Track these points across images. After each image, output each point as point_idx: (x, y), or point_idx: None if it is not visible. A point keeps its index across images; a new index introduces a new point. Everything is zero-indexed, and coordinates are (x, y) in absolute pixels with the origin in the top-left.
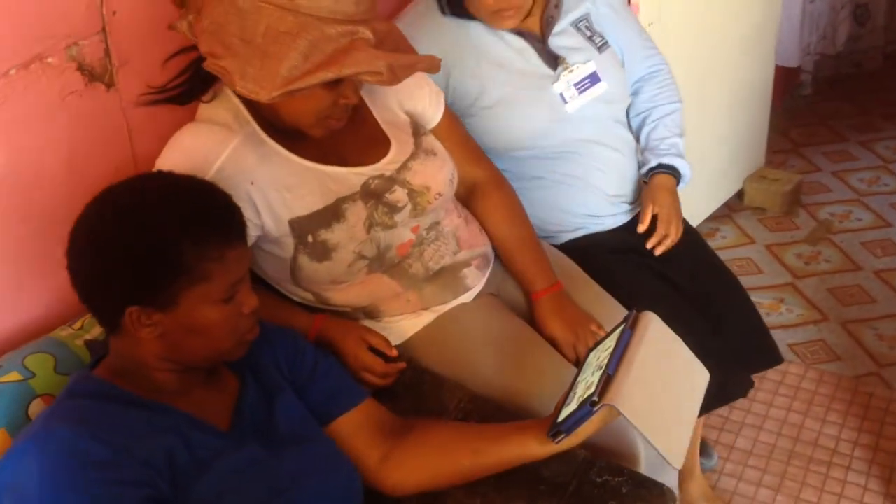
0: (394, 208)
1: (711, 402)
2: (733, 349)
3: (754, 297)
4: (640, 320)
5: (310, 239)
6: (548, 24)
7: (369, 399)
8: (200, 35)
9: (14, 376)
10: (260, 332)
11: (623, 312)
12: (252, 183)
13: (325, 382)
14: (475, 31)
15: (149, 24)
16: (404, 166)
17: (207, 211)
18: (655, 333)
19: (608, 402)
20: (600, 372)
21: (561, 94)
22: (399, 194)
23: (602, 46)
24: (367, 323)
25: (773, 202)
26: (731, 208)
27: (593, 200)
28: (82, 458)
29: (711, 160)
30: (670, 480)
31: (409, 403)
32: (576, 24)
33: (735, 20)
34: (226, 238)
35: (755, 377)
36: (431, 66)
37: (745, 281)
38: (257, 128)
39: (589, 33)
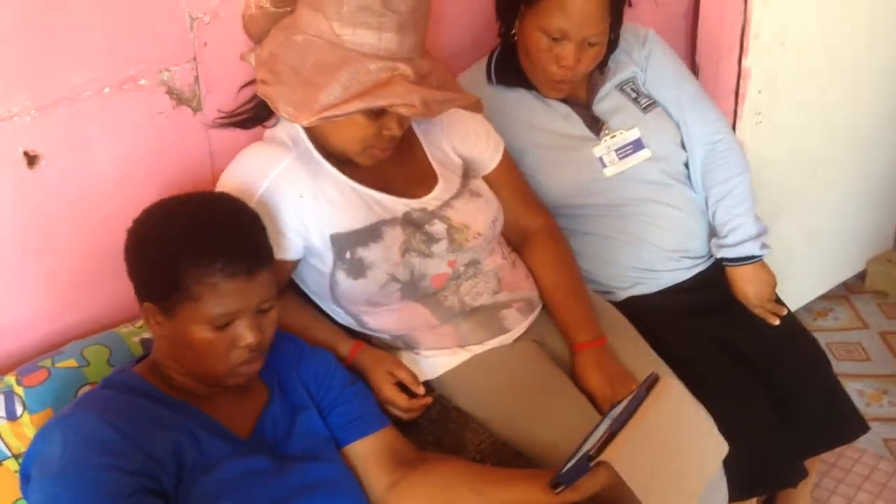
0: (431, 239)
1: (757, 484)
2: (803, 430)
3: (857, 385)
4: (659, 383)
5: (348, 255)
6: (592, 90)
7: (388, 427)
8: (259, 65)
9: (71, 363)
10: (297, 349)
11: (671, 375)
12: (301, 196)
13: (348, 406)
14: (520, 98)
15: (235, 56)
16: (447, 204)
17: (218, 239)
18: (671, 399)
19: (604, 459)
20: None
21: (601, 158)
22: (438, 228)
23: (648, 107)
24: (405, 353)
25: None
26: (850, 289)
27: (648, 256)
28: (96, 443)
29: (832, 235)
30: None
31: (430, 437)
32: (620, 87)
33: (868, 89)
34: (226, 269)
35: (841, 467)
36: (470, 104)
37: (850, 367)
38: (312, 147)
39: (634, 94)
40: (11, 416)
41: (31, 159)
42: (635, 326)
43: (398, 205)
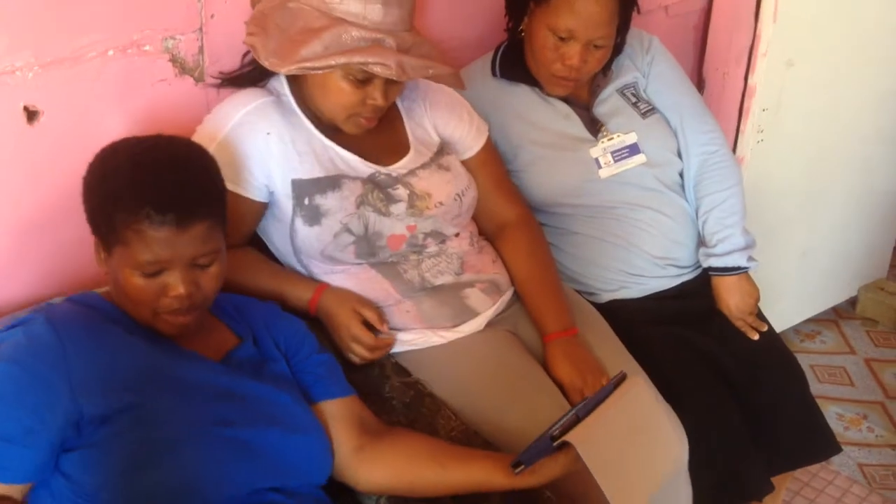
0: (390, 199)
1: (723, 495)
2: (774, 445)
3: (836, 408)
4: (626, 381)
5: (306, 201)
6: (594, 91)
7: (354, 397)
8: (250, 20)
9: None
10: (270, 312)
11: (641, 374)
12: (268, 133)
13: (316, 369)
14: (521, 94)
15: (241, 30)
16: (412, 172)
17: (153, 186)
18: (637, 395)
19: (567, 439)
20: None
21: (597, 159)
22: (400, 192)
23: (647, 113)
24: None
25: (887, 316)
26: (840, 314)
27: (636, 260)
28: (52, 349)
29: (826, 259)
30: None
31: (404, 420)
32: (621, 91)
33: (873, 112)
34: (153, 217)
35: (814, 487)
36: (449, 75)
37: (831, 390)
38: (293, 101)
39: (634, 99)
40: None
41: (31, 115)
42: (615, 330)
43: (365, 167)
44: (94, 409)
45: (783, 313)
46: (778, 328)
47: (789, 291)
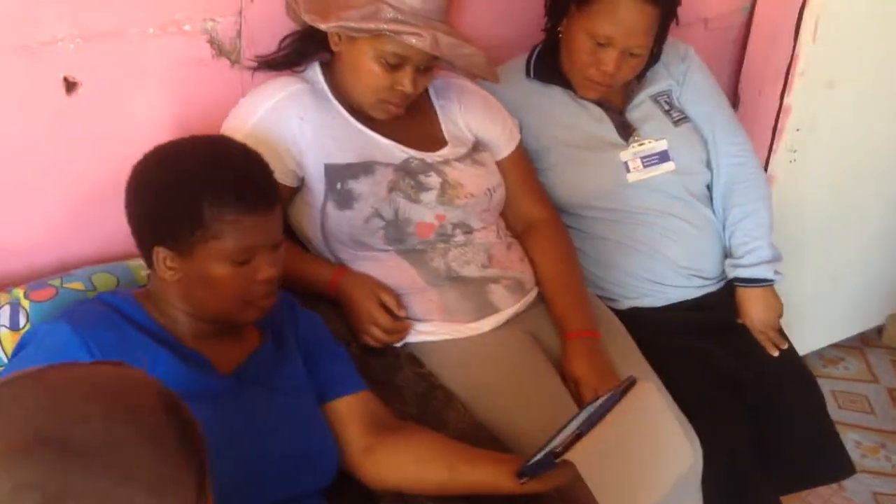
0: (422, 186)
1: None
2: (786, 464)
3: (855, 435)
4: (635, 387)
5: (338, 186)
6: (628, 97)
7: (368, 392)
8: None
9: (78, 285)
10: (290, 304)
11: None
12: (301, 119)
13: (332, 366)
14: (554, 95)
15: (279, 16)
16: (447, 162)
17: (235, 177)
18: (646, 404)
19: (568, 458)
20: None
21: (626, 164)
22: (433, 180)
23: (679, 121)
24: None
25: None
26: (866, 342)
27: (659, 268)
28: (62, 353)
29: (854, 285)
30: None
31: (414, 410)
32: (655, 98)
33: None
34: (245, 205)
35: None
36: (482, 63)
37: (851, 417)
38: (327, 89)
39: (667, 107)
40: (14, 326)
41: (70, 86)
42: (633, 338)
43: (399, 151)
44: None
45: (808, 336)
46: (801, 351)
47: (815, 314)
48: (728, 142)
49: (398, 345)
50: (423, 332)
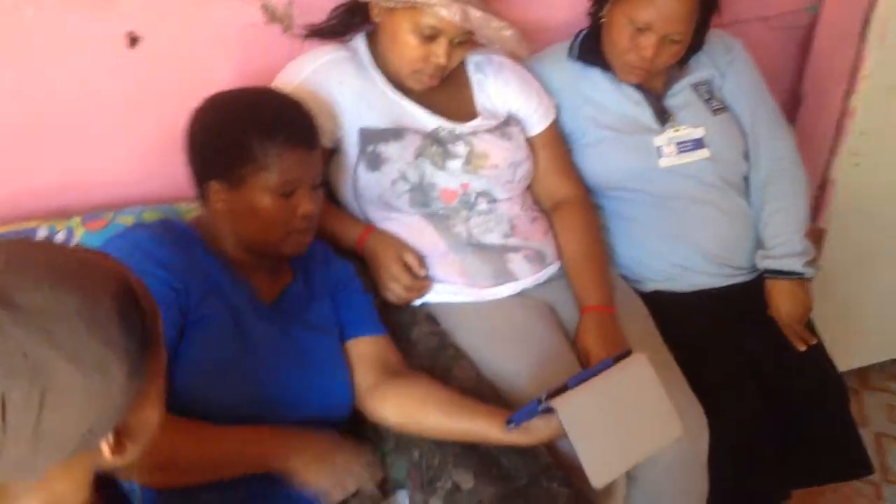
0: (449, 154)
1: (738, 494)
2: (805, 458)
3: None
4: (629, 357)
5: (369, 149)
6: (668, 83)
7: (385, 337)
8: None
9: (128, 220)
10: (324, 251)
11: (677, 375)
12: (341, 83)
13: (356, 308)
14: (594, 77)
15: None
16: (475, 133)
17: (281, 117)
18: (636, 373)
19: (552, 404)
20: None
21: (659, 148)
22: (460, 149)
23: (718, 111)
24: None
25: None
26: None
27: (686, 253)
28: (148, 251)
29: None
30: None
31: (424, 363)
32: (695, 86)
33: None
34: (289, 141)
35: None
36: (511, 38)
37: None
38: (369, 59)
39: (707, 96)
40: None
41: (133, 40)
42: (655, 320)
43: (430, 120)
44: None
45: (869, 347)
46: (862, 362)
47: (879, 326)
48: (768, 136)
49: (417, 303)
50: (442, 293)
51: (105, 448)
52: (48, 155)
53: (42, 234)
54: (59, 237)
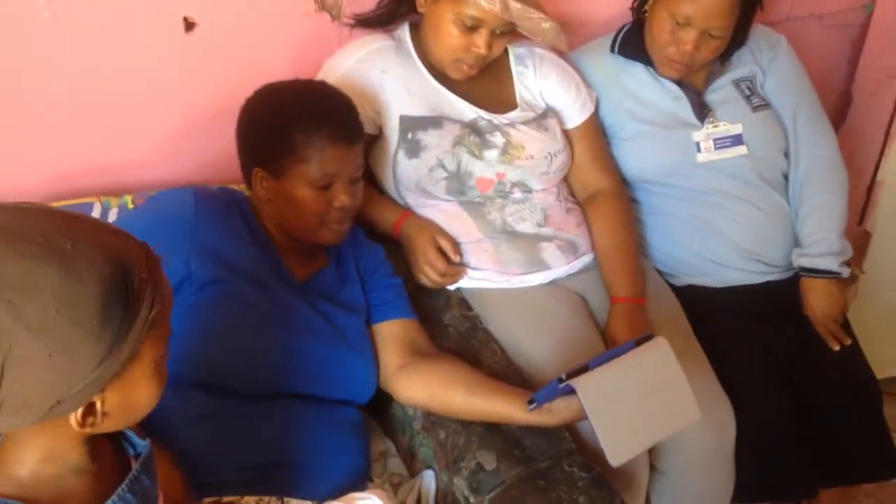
0: (486, 144)
1: (764, 491)
2: (833, 457)
3: None
4: (650, 341)
5: (409, 136)
6: (709, 78)
7: (413, 320)
8: None
9: None
10: (356, 237)
11: (706, 367)
12: (384, 71)
13: (385, 292)
14: (634, 71)
15: None
16: (512, 124)
17: (324, 112)
18: (657, 356)
19: (572, 383)
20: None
21: (697, 143)
22: (497, 139)
23: (758, 107)
24: None
25: None
26: None
27: (721, 249)
28: (175, 203)
29: None
30: None
31: (454, 345)
32: (736, 82)
33: None
34: (330, 135)
35: None
36: (550, 30)
37: None
38: (412, 48)
39: (748, 92)
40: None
41: (189, 25)
42: (687, 313)
43: (469, 110)
44: (200, 271)
45: None
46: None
47: None
48: (809, 132)
49: (451, 288)
50: (476, 279)
51: (73, 420)
52: (104, 134)
53: (97, 210)
54: (112, 214)
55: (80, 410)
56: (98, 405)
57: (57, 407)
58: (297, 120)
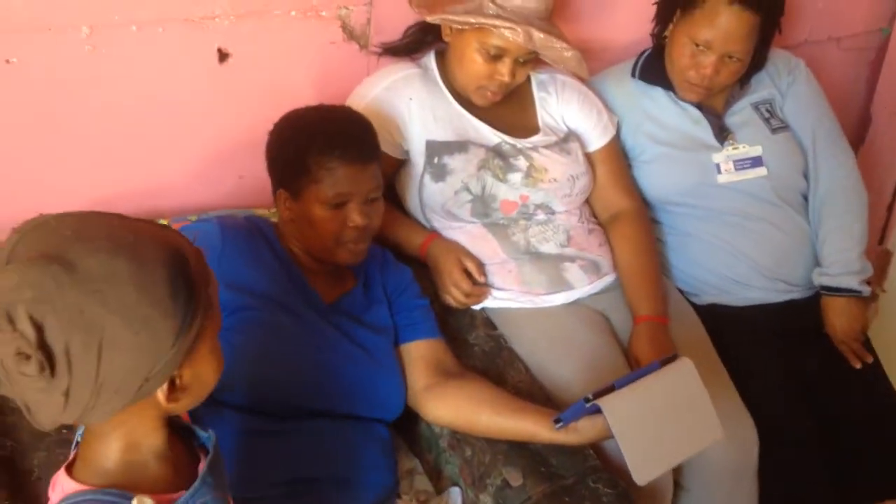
0: (510, 168)
1: None
2: (856, 476)
3: None
4: (675, 361)
5: (435, 160)
6: (729, 102)
7: (440, 340)
8: None
9: None
10: (384, 258)
11: (728, 385)
12: (411, 99)
13: (412, 313)
14: (655, 96)
15: (405, 8)
16: (536, 148)
17: (337, 134)
18: (681, 376)
19: (598, 403)
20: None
21: (717, 165)
22: (521, 163)
23: (777, 129)
24: None
25: None
26: None
27: (742, 268)
28: (213, 243)
29: None
30: None
31: (479, 364)
32: (755, 105)
33: None
34: (341, 157)
35: None
36: (572, 59)
37: None
38: (438, 76)
39: (768, 115)
40: None
41: (223, 56)
42: (709, 333)
43: (493, 136)
44: (229, 299)
45: None
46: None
47: None
48: (829, 154)
49: (476, 308)
50: (501, 300)
51: (160, 396)
52: (140, 161)
53: None
54: None
55: (164, 386)
56: (178, 381)
57: (145, 385)
58: (311, 142)
